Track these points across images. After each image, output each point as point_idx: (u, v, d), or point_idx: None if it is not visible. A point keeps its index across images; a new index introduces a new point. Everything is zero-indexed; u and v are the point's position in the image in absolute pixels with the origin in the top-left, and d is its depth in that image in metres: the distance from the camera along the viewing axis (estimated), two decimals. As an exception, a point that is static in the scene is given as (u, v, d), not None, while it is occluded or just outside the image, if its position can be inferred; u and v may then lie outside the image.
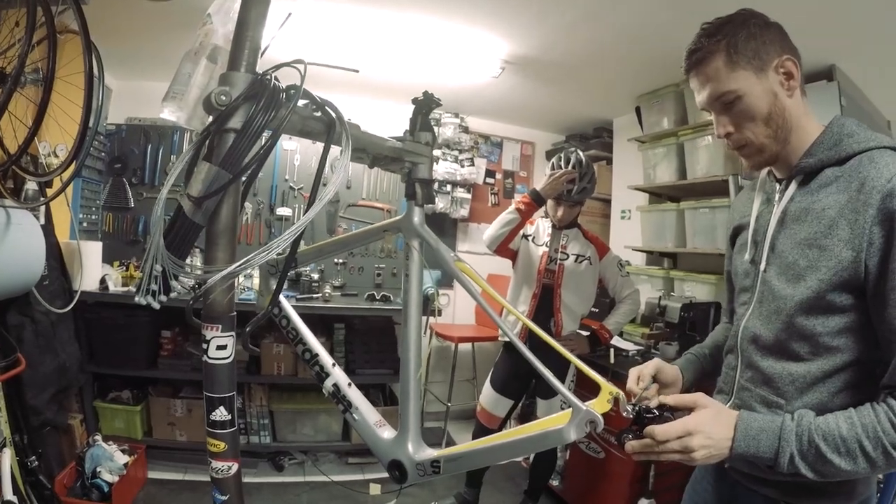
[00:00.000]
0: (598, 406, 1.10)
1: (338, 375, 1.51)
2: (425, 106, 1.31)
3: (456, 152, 5.01)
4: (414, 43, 3.42)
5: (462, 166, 5.00)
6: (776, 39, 1.15)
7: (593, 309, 3.40)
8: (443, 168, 4.92)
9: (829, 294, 1.08)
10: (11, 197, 2.37)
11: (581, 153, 3.06)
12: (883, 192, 1.02)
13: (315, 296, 4.03)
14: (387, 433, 1.41)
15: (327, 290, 4.10)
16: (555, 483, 3.73)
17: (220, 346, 1.04)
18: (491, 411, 3.18)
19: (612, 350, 3.21)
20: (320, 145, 1.07)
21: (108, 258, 3.80)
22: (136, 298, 1.00)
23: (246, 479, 3.63)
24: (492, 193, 5.36)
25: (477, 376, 4.83)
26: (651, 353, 3.41)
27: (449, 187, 5.00)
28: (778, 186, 1.26)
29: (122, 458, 3.21)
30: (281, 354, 3.87)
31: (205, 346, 1.03)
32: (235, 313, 1.07)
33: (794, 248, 1.16)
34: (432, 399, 4.91)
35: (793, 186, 1.21)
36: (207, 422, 1.08)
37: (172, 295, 1.01)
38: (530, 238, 3.18)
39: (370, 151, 1.25)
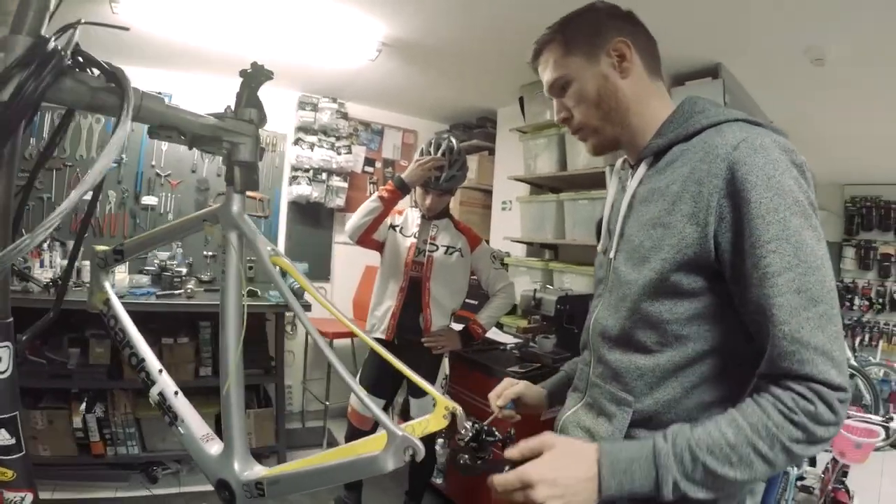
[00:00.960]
0: (433, 422, 0.97)
1: (165, 383, 1.34)
2: (253, 79, 1.14)
3: (333, 139, 4.79)
4: (286, 20, 3.19)
5: (339, 154, 4.79)
6: (616, 26, 1.14)
7: (473, 302, 3.32)
8: (318, 155, 4.70)
9: (673, 275, 0.99)
10: None
11: (453, 140, 2.94)
12: (728, 160, 0.93)
13: (177, 292, 3.68)
14: (214, 448, 1.24)
15: (190, 285, 3.77)
16: (438, 481, 3.65)
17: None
18: (361, 412, 3.02)
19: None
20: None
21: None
22: None
23: (118, 494, 3.42)
24: (371, 182, 5.19)
25: (358, 372, 4.69)
26: (529, 347, 3.37)
27: (325, 175, 4.78)
28: (631, 172, 1.20)
29: (-18, 482, 2.86)
30: (145, 358, 3.54)
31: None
32: (12, 319, 0.92)
33: (640, 229, 1.08)
34: (311, 398, 4.74)
35: (642, 169, 1.14)
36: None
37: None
38: (398, 229, 3.02)
39: (183, 129, 1.08)
